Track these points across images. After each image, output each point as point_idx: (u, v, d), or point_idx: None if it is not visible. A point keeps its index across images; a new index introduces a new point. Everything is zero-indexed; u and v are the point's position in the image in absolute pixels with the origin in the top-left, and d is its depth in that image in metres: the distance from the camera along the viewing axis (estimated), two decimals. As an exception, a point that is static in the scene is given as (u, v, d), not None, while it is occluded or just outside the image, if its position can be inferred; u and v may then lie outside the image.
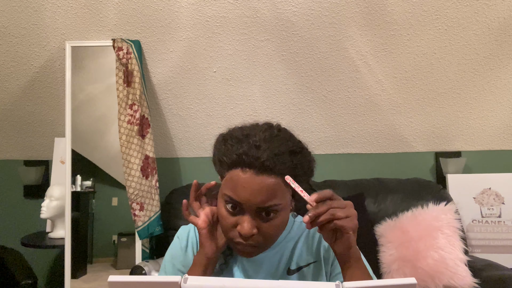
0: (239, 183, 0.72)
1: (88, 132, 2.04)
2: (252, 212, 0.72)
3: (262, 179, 0.71)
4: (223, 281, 0.57)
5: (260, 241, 0.74)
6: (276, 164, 0.71)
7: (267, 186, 0.71)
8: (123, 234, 2.00)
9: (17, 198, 2.30)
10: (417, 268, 1.67)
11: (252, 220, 0.72)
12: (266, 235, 0.74)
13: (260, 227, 0.73)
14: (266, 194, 0.71)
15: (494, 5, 1.79)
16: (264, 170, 0.71)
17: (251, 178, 0.71)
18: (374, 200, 1.95)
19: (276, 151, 0.72)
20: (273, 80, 2.04)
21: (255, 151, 0.71)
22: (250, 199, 0.71)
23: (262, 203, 0.71)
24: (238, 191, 0.72)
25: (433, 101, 2.11)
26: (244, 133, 0.76)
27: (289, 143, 0.75)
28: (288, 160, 0.72)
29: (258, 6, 1.81)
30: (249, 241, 0.73)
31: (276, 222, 0.74)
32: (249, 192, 0.71)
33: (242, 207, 0.73)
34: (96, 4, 1.81)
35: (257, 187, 0.71)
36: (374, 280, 0.74)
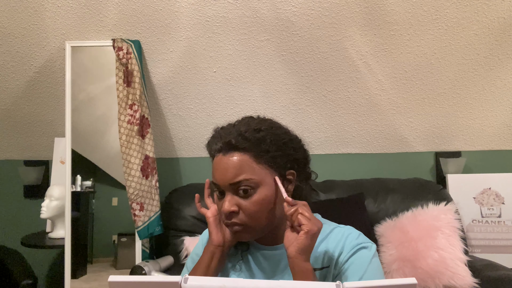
0: (214, 167, 0.82)
1: (88, 132, 2.04)
2: (229, 190, 0.79)
3: (228, 157, 0.79)
4: (223, 281, 0.57)
5: (244, 220, 0.79)
6: (238, 141, 0.79)
7: (233, 162, 0.78)
8: (123, 234, 2.00)
9: (17, 198, 2.30)
10: (417, 268, 1.67)
11: (230, 199, 0.79)
12: (248, 212, 0.79)
13: (241, 205, 0.79)
14: (233, 170, 0.78)
15: (494, 5, 1.79)
16: (229, 149, 0.79)
17: (220, 159, 0.80)
18: (374, 200, 1.95)
19: (241, 130, 0.81)
20: (273, 80, 2.04)
21: (224, 136, 0.81)
22: (222, 178, 0.79)
23: (231, 179, 0.78)
24: (214, 174, 0.82)
25: (433, 101, 2.11)
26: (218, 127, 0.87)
27: (255, 123, 0.83)
28: (251, 137, 0.80)
29: (258, 6, 1.81)
30: (233, 219, 0.79)
31: (255, 198, 0.79)
32: (220, 172, 0.80)
33: (221, 189, 0.81)
34: (96, 4, 1.81)
35: (224, 166, 0.79)
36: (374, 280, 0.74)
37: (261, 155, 0.80)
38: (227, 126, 0.86)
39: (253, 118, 0.88)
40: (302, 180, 0.86)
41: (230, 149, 0.79)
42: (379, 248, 1.80)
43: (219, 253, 0.85)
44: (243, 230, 0.80)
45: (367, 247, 0.82)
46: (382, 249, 1.79)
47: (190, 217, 1.93)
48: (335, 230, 0.87)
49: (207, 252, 0.86)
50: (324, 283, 0.57)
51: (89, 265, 2.00)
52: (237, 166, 0.78)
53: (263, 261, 0.88)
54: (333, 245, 0.84)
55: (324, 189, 1.98)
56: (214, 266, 0.85)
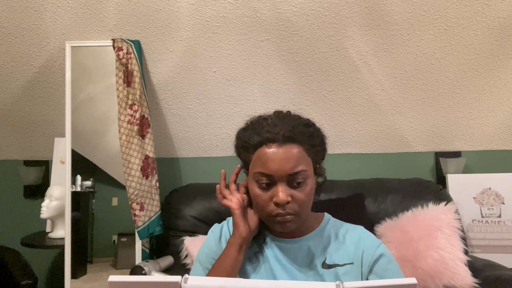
0: (267, 158, 0.81)
1: (88, 132, 2.04)
2: (283, 181, 0.80)
3: (286, 148, 0.80)
4: (223, 281, 0.57)
5: (295, 209, 0.81)
6: (295, 134, 0.82)
7: (292, 154, 0.80)
8: (123, 234, 2.00)
9: (17, 198, 2.30)
10: (417, 268, 1.67)
11: (285, 189, 0.80)
12: (300, 201, 0.81)
13: (293, 195, 0.81)
14: (292, 161, 0.80)
15: (494, 5, 1.79)
16: (286, 141, 0.81)
17: (277, 150, 0.81)
18: (374, 200, 1.95)
19: (293, 124, 0.83)
20: (273, 80, 2.04)
21: (274, 128, 0.82)
22: (280, 168, 0.80)
23: (290, 170, 0.80)
24: (268, 164, 0.81)
25: (433, 101, 2.11)
26: (259, 119, 0.88)
27: (301, 119, 0.87)
28: (304, 130, 0.83)
29: (258, 6, 1.81)
30: (286, 209, 0.81)
31: (306, 189, 0.82)
32: (277, 163, 0.80)
33: (274, 179, 0.81)
34: (96, 4, 1.81)
35: (283, 156, 0.80)
36: (374, 280, 0.75)
37: (309, 149, 0.84)
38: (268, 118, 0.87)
39: (292, 114, 0.90)
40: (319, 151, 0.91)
41: (286, 141, 0.81)
42: (379, 248, 1.80)
43: (246, 245, 0.87)
44: (293, 220, 0.82)
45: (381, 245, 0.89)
46: (382, 249, 1.78)
47: (190, 217, 1.93)
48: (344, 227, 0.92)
49: (234, 244, 0.86)
50: (324, 283, 0.57)
51: (89, 265, 2.00)
52: (296, 158, 0.80)
53: (280, 254, 0.89)
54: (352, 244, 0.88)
55: (324, 189, 1.97)
56: (242, 258, 0.87)
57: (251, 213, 0.90)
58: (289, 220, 0.82)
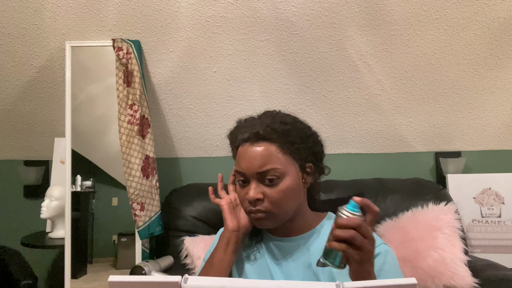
0: (240, 156, 0.85)
1: (88, 132, 2.04)
2: (254, 179, 0.83)
3: (256, 146, 0.83)
4: (223, 281, 0.57)
5: (268, 208, 0.82)
6: (267, 132, 0.83)
7: (261, 152, 0.82)
8: (123, 234, 2.00)
9: (17, 198, 2.30)
10: (417, 268, 1.67)
11: (256, 187, 0.82)
12: (273, 200, 0.82)
13: (265, 193, 0.82)
14: (261, 159, 0.82)
15: (494, 5, 1.79)
16: (257, 139, 0.83)
17: (248, 148, 0.84)
18: (374, 200, 1.94)
19: (268, 122, 0.85)
20: (273, 80, 2.04)
21: (250, 127, 0.85)
22: (249, 166, 0.82)
23: (258, 167, 0.81)
24: (240, 162, 0.85)
25: (433, 101, 2.11)
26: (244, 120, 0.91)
27: (279, 117, 0.88)
28: (278, 128, 0.84)
29: (258, 6, 1.81)
30: (258, 206, 0.82)
31: (280, 187, 0.82)
32: (247, 160, 0.83)
33: (246, 177, 0.84)
34: (96, 4, 1.81)
35: (253, 154, 0.82)
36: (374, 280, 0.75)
37: (286, 146, 0.84)
38: (251, 118, 0.90)
39: (276, 112, 0.92)
40: (317, 174, 0.92)
41: (258, 139, 0.83)
42: (379, 248, 1.80)
43: (234, 238, 0.89)
44: (266, 218, 0.83)
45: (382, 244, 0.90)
46: (382, 249, 1.78)
47: (190, 217, 1.93)
48: None
49: (222, 238, 0.90)
50: (324, 283, 0.57)
51: (89, 265, 2.00)
52: (265, 156, 0.82)
53: (277, 252, 0.90)
54: None
55: (324, 189, 1.98)
56: (231, 250, 0.89)
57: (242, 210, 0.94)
58: (261, 218, 0.83)
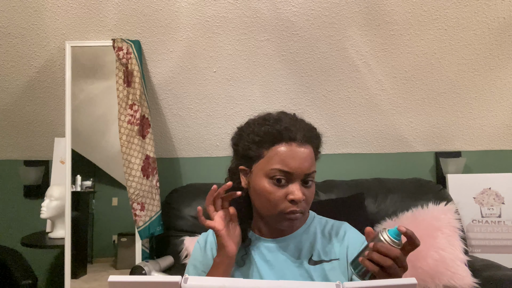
0: (288, 155, 0.81)
1: (88, 132, 2.04)
2: (299, 179, 0.82)
3: (305, 148, 0.83)
4: (223, 281, 0.57)
5: (305, 207, 0.84)
6: (311, 137, 0.85)
7: (310, 154, 0.83)
8: (123, 234, 2.01)
9: (17, 198, 2.30)
10: (417, 268, 1.67)
11: (300, 188, 0.82)
12: (309, 200, 0.85)
13: (305, 193, 0.83)
14: (310, 161, 0.83)
15: (494, 5, 1.79)
16: (304, 142, 0.83)
17: (297, 149, 0.82)
18: (374, 200, 1.95)
19: (308, 127, 0.87)
20: (273, 80, 2.04)
21: (293, 127, 0.83)
22: (300, 167, 0.81)
23: (308, 169, 0.82)
24: (288, 162, 0.81)
25: (433, 101, 2.11)
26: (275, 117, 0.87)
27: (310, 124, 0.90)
28: (316, 134, 0.88)
29: (258, 6, 1.81)
30: (299, 207, 0.82)
31: (313, 189, 0.86)
32: (298, 161, 0.81)
33: (291, 177, 0.81)
34: (96, 4, 1.81)
35: (303, 156, 0.82)
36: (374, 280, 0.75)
37: (316, 151, 0.88)
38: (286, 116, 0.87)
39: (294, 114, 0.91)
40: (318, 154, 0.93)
41: (305, 141, 0.83)
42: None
43: (233, 261, 0.85)
44: (300, 218, 0.84)
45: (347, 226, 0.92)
46: (382, 249, 1.78)
47: (190, 217, 1.93)
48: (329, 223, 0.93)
49: (221, 264, 0.83)
50: (324, 283, 0.57)
51: (89, 265, 2.01)
52: (312, 158, 0.84)
53: (268, 254, 0.89)
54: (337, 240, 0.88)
55: (324, 189, 1.98)
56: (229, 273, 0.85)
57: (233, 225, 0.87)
58: (298, 218, 0.83)
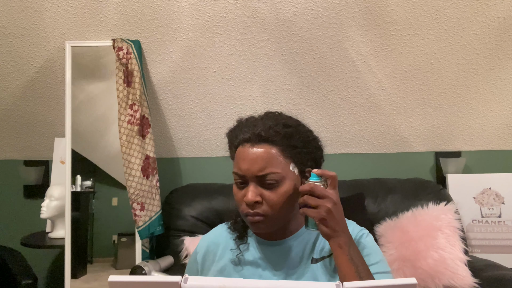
0: (240, 157, 0.82)
1: (88, 132, 2.04)
2: (253, 181, 0.80)
3: (257, 149, 0.80)
4: (223, 281, 0.57)
5: (266, 211, 0.80)
6: (269, 134, 0.80)
7: (262, 155, 0.79)
8: (123, 234, 2.00)
9: (17, 198, 2.30)
10: (417, 268, 1.67)
11: (254, 189, 0.80)
12: (271, 203, 0.80)
13: (264, 196, 0.80)
14: (261, 162, 0.79)
15: (494, 5, 1.79)
16: (258, 141, 0.80)
17: (248, 150, 0.80)
18: (374, 200, 1.95)
19: (270, 124, 0.82)
20: (273, 80, 2.04)
21: (252, 128, 0.82)
22: (249, 168, 0.79)
23: (258, 171, 0.79)
24: (239, 164, 0.81)
25: (433, 101, 2.11)
26: (246, 119, 0.88)
27: (282, 119, 0.85)
28: (281, 131, 0.81)
29: (258, 6, 1.81)
30: (256, 209, 0.80)
31: (279, 191, 0.80)
32: (247, 163, 0.80)
33: (245, 179, 0.81)
34: (96, 4, 1.81)
35: (253, 157, 0.79)
36: (374, 280, 0.75)
37: (288, 150, 0.81)
38: (252, 118, 0.87)
39: (279, 114, 0.89)
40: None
41: (259, 141, 0.80)
42: (379, 248, 1.80)
43: None
44: (263, 221, 0.81)
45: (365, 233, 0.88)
46: (382, 249, 1.78)
47: (190, 217, 1.93)
48: None
49: None
50: (324, 283, 0.57)
51: (89, 265, 2.00)
52: (266, 159, 0.79)
53: (266, 255, 0.88)
54: None
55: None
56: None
57: None
58: (258, 221, 0.80)
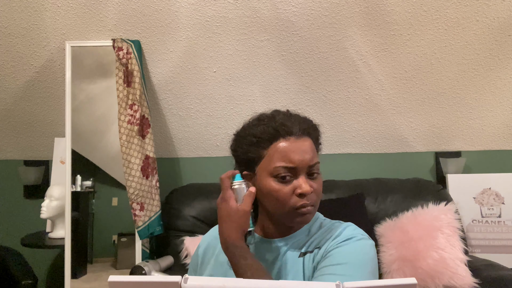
0: (288, 150, 0.81)
1: (88, 132, 2.04)
2: (304, 172, 0.81)
3: (303, 141, 0.82)
4: (223, 281, 0.57)
5: (315, 200, 0.83)
6: (308, 128, 0.85)
7: (310, 146, 0.83)
8: (123, 234, 2.00)
9: (17, 198, 2.30)
10: (417, 268, 1.67)
11: (306, 180, 0.81)
12: (318, 192, 0.84)
13: (312, 186, 0.82)
14: (311, 153, 0.82)
15: (494, 5, 1.79)
16: (302, 134, 0.83)
17: (296, 142, 0.82)
18: (374, 200, 1.95)
19: (303, 120, 0.86)
20: (273, 80, 2.04)
21: (288, 122, 0.83)
22: (302, 159, 0.80)
23: (311, 161, 0.82)
24: (289, 156, 0.80)
25: (433, 101, 2.11)
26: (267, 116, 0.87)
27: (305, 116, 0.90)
28: (314, 126, 0.87)
29: (258, 6, 1.81)
30: (309, 200, 0.81)
31: (320, 180, 0.85)
32: (299, 154, 0.81)
33: (295, 171, 0.81)
34: (96, 4, 1.81)
35: (303, 148, 0.82)
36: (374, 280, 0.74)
37: (316, 142, 0.87)
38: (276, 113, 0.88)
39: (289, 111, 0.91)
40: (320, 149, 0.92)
41: (303, 134, 0.83)
42: (379, 248, 1.80)
43: None
44: (312, 211, 0.83)
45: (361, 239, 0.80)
46: (382, 249, 1.79)
47: (190, 217, 1.93)
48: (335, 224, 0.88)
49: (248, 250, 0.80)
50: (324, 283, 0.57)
51: (89, 265, 2.00)
52: (312, 149, 0.83)
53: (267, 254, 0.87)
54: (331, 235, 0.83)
55: (324, 189, 1.95)
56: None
57: None
58: (311, 212, 0.83)
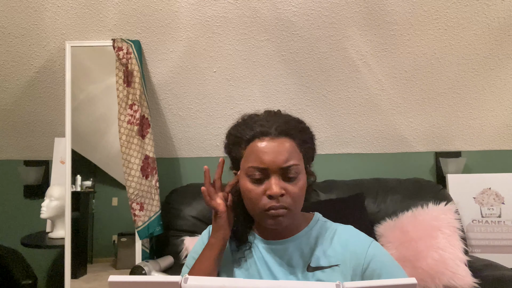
0: (260, 151, 0.81)
1: (88, 132, 2.04)
2: (276, 174, 0.80)
3: (279, 142, 0.81)
4: (223, 281, 0.57)
5: (289, 203, 0.80)
6: (288, 128, 0.82)
7: (285, 147, 0.81)
8: (123, 234, 2.00)
9: (17, 198, 2.30)
10: (417, 268, 1.67)
11: (278, 182, 0.80)
12: (293, 195, 0.81)
13: (286, 188, 0.80)
14: (285, 154, 0.80)
15: (494, 5, 1.79)
16: (279, 134, 0.81)
17: (270, 143, 0.81)
18: (374, 200, 1.95)
19: (285, 119, 0.84)
20: (273, 80, 2.04)
21: (267, 122, 0.83)
22: (274, 161, 0.79)
23: (283, 162, 0.80)
24: (261, 157, 0.80)
25: (433, 101, 2.11)
26: (251, 115, 0.88)
27: (292, 116, 0.88)
28: (297, 126, 0.84)
29: (258, 6, 1.81)
30: (280, 202, 0.80)
31: (299, 183, 0.82)
32: (271, 155, 0.80)
33: (267, 172, 0.80)
34: (96, 4, 1.81)
35: (276, 149, 0.80)
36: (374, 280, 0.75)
37: (301, 144, 0.84)
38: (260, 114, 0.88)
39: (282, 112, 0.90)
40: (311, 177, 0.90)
41: (280, 134, 0.81)
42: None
43: (225, 246, 0.88)
44: (286, 214, 0.81)
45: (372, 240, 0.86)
46: (382, 249, 1.78)
47: (190, 217, 1.93)
48: (332, 227, 0.90)
49: (216, 246, 0.86)
50: (324, 283, 0.57)
51: (89, 265, 2.00)
52: (288, 151, 0.81)
53: (268, 256, 0.88)
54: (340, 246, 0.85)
55: (324, 189, 1.98)
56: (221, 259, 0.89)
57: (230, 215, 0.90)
58: (282, 214, 0.80)
